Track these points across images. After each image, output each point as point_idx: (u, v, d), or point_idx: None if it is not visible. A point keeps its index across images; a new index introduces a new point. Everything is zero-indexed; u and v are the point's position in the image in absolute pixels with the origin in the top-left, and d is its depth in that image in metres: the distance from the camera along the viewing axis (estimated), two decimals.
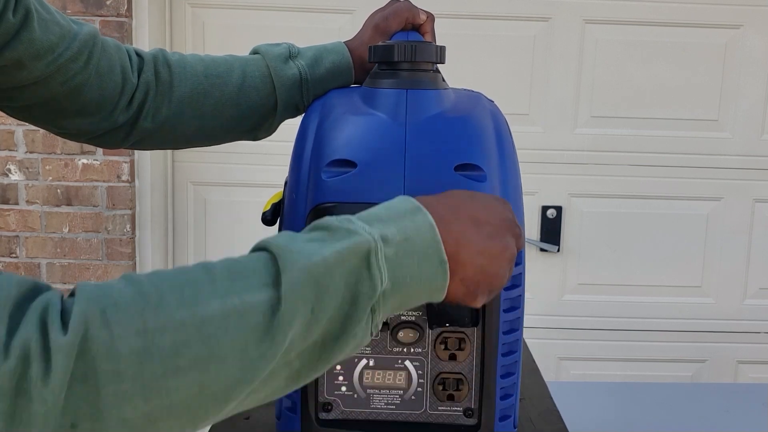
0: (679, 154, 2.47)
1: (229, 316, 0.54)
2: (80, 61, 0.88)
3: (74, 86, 0.89)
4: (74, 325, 0.50)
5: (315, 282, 0.58)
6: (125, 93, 0.95)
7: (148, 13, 2.32)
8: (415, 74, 0.84)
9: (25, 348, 0.48)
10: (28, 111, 0.91)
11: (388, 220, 0.63)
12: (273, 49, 1.01)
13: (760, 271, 2.55)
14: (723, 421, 1.55)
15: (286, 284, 0.56)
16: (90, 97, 0.91)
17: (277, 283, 0.57)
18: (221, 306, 0.54)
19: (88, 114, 0.93)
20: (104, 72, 0.92)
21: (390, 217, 0.64)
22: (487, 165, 0.80)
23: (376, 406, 0.83)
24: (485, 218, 0.68)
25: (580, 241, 2.52)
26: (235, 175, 2.48)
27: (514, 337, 0.85)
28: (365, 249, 0.60)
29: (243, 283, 0.56)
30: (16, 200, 2.36)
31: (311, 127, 0.85)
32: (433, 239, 0.63)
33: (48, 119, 0.93)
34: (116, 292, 0.53)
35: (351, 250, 0.60)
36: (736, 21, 2.42)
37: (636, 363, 2.56)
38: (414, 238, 0.63)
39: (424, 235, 0.63)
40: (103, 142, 1.00)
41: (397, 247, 0.62)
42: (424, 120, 0.81)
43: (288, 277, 0.57)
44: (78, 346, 0.50)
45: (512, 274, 0.82)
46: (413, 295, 0.63)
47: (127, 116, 0.96)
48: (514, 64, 2.44)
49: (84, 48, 0.88)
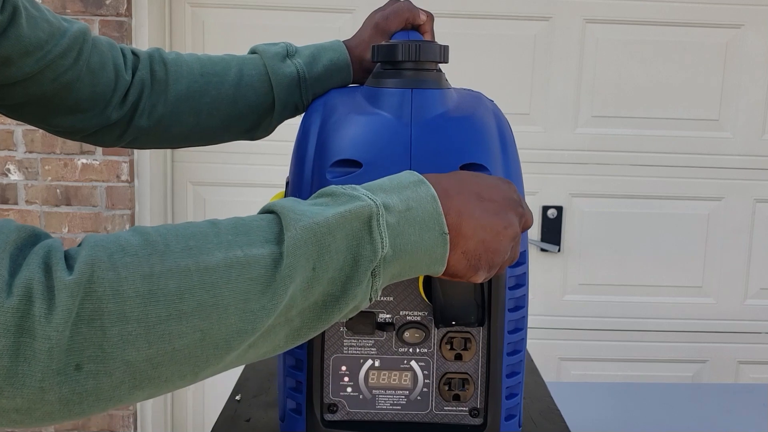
0: (679, 153, 2.47)
1: (231, 266, 0.56)
2: (70, 58, 0.88)
3: (65, 83, 0.89)
4: (81, 266, 0.51)
5: (317, 241, 0.59)
6: (118, 90, 0.95)
7: (147, 13, 2.32)
8: (420, 74, 0.84)
9: (28, 286, 0.49)
10: (20, 109, 0.91)
11: (392, 190, 0.65)
12: (270, 48, 1.01)
13: (761, 272, 2.55)
14: (723, 421, 1.56)
15: (289, 241, 0.58)
16: (82, 94, 0.91)
17: (279, 239, 0.59)
18: (225, 257, 0.56)
19: (80, 111, 0.93)
20: (96, 69, 0.92)
21: (393, 187, 0.66)
22: (492, 165, 0.80)
23: (382, 406, 0.83)
24: (489, 195, 0.69)
25: (581, 241, 2.52)
26: (235, 175, 2.48)
27: (519, 337, 0.85)
28: (367, 213, 0.62)
29: (247, 238, 0.59)
30: (16, 200, 2.36)
31: (313, 127, 0.85)
32: (435, 210, 0.65)
33: (40, 117, 0.93)
34: (123, 240, 0.55)
35: (353, 213, 0.61)
36: (737, 21, 2.42)
37: (636, 363, 2.56)
38: (416, 208, 0.64)
39: (426, 206, 0.65)
40: (98, 139, 0.99)
41: (399, 216, 0.63)
42: (429, 119, 0.80)
43: (290, 235, 0.59)
44: (84, 286, 0.51)
45: (515, 266, 0.82)
46: (414, 263, 0.65)
47: (121, 113, 0.96)
48: (515, 64, 2.44)
49: (74, 44, 0.88)
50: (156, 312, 0.53)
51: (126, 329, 0.52)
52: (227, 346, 0.56)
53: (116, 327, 0.51)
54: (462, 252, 0.67)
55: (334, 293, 0.61)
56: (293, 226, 0.59)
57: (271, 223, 0.60)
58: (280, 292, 0.58)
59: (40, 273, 0.50)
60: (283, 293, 0.58)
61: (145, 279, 0.53)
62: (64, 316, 0.49)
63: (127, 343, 0.52)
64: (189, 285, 0.54)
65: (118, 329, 0.51)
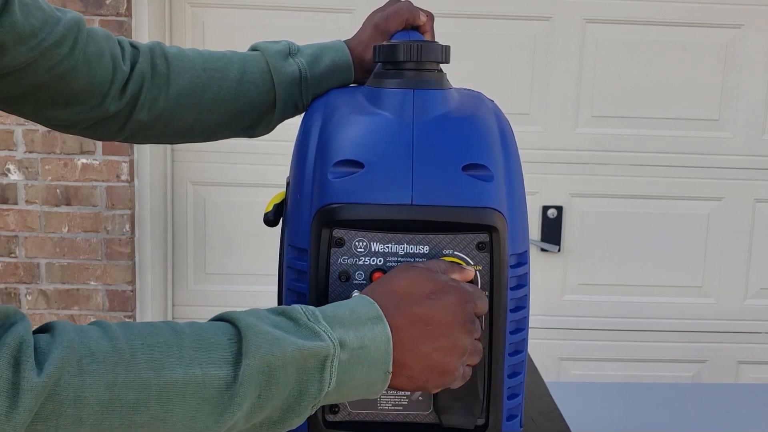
0: (679, 153, 2.47)
1: (188, 384, 0.59)
2: (65, 47, 0.87)
3: (61, 73, 0.88)
4: (50, 369, 0.53)
5: (270, 372, 0.63)
6: (116, 81, 0.94)
7: (147, 13, 2.32)
8: (421, 74, 0.84)
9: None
10: (17, 102, 0.90)
11: (350, 324, 0.68)
12: (272, 45, 1.01)
13: (761, 271, 2.55)
14: (723, 421, 1.55)
15: (245, 369, 0.61)
16: (78, 85, 0.90)
17: (237, 360, 0.62)
18: (184, 374, 0.59)
19: (77, 103, 0.92)
20: (92, 59, 0.91)
21: (353, 321, 0.68)
22: (494, 165, 0.80)
23: (384, 407, 0.83)
24: (438, 319, 0.71)
25: (581, 241, 2.52)
26: (235, 175, 2.48)
27: (521, 337, 0.85)
28: (324, 354, 0.65)
29: (207, 354, 0.61)
30: (16, 200, 2.36)
31: (314, 127, 0.85)
32: (385, 351, 0.68)
33: (38, 110, 0.92)
34: (94, 344, 0.57)
35: (310, 352, 0.64)
36: (737, 20, 2.42)
37: (636, 363, 2.56)
38: (369, 347, 0.68)
39: (378, 347, 0.68)
40: (97, 132, 0.98)
41: (351, 354, 0.67)
42: (430, 120, 0.80)
43: (248, 363, 0.62)
44: (50, 389, 0.53)
45: (516, 266, 0.82)
46: (351, 394, 0.69)
47: (120, 105, 0.95)
48: (515, 64, 2.44)
49: (69, 33, 0.87)
50: (110, 420, 0.56)
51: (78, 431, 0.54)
52: None
53: (69, 429, 0.54)
54: (407, 377, 0.70)
55: (273, 418, 0.65)
56: (253, 354, 0.62)
57: (231, 341, 0.63)
58: (227, 417, 0.61)
59: (8, 370, 0.52)
60: (229, 419, 0.61)
61: (107, 388, 0.56)
62: (24, 417, 0.51)
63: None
64: (146, 398, 0.57)
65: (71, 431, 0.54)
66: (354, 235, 0.78)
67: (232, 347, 0.62)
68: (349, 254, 0.79)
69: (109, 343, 0.57)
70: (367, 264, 0.79)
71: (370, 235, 0.78)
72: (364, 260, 0.79)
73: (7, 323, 0.55)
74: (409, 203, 0.78)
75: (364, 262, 0.79)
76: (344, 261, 0.79)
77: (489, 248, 0.79)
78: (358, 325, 0.68)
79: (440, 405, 0.81)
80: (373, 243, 0.78)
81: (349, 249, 0.78)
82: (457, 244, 0.78)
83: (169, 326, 0.63)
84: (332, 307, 0.70)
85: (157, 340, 0.60)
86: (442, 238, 0.78)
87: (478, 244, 0.79)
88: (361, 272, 0.79)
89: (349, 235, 0.78)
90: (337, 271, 0.79)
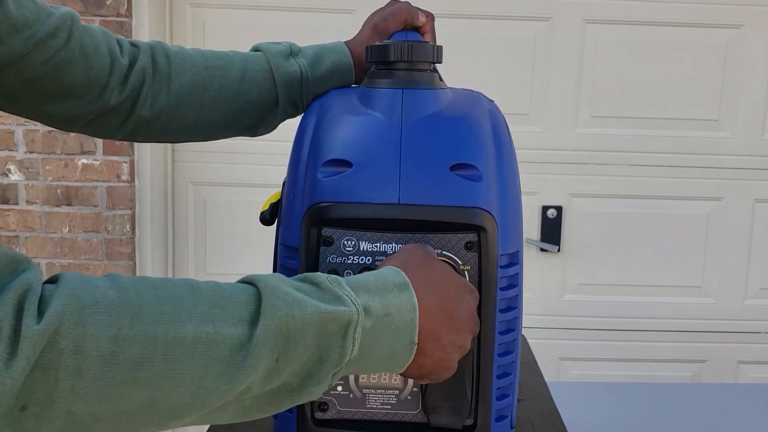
0: (679, 153, 2.47)
1: (197, 342, 0.56)
2: (60, 38, 0.87)
3: (57, 64, 0.88)
4: (50, 316, 0.51)
5: (288, 334, 0.60)
6: (114, 74, 0.94)
7: (147, 13, 2.32)
8: (412, 74, 0.84)
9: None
10: (16, 98, 0.90)
11: (376, 290, 0.66)
12: (274, 46, 1.02)
13: (761, 271, 2.54)
14: (723, 421, 1.55)
15: (261, 330, 0.58)
16: (75, 78, 0.91)
17: (253, 320, 0.59)
18: (194, 331, 0.56)
19: (75, 96, 0.92)
20: (89, 51, 0.91)
21: (378, 288, 0.66)
22: (484, 165, 0.80)
23: (372, 406, 0.83)
24: (456, 312, 0.71)
25: (581, 241, 2.52)
26: (235, 175, 2.48)
27: (511, 338, 0.85)
28: (347, 320, 0.62)
29: (222, 311, 0.58)
30: (16, 200, 2.36)
31: (309, 127, 0.85)
32: (412, 321, 0.66)
33: (36, 104, 0.92)
34: (100, 292, 0.54)
35: (333, 316, 0.62)
36: (737, 21, 2.42)
37: (636, 363, 2.56)
38: (394, 315, 0.65)
39: (405, 316, 0.66)
40: (97, 129, 0.99)
41: (376, 320, 0.64)
42: (419, 119, 0.81)
43: (265, 324, 0.59)
44: (48, 337, 0.51)
45: (507, 266, 0.82)
46: (375, 365, 0.67)
47: (121, 99, 0.95)
48: (514, 64, 2.44)
49: (62, 25, 0.88)
50: (112, 374, 0.53)
51: (78, 384, 0.52)
52: (172, 416, 0.57)
53: (69, 380, 0.52)
54: (417, 365, 0.69)
55: (292, 385, 0.62)
56: (271, 314, 0.59)
57: (250, 299, 0.60)
58: (239, 379, 0.58)
59: (11, 315, 0.50)
60: (242, 381, 0.58)
61: (110, 341, 0.53)
62: (22, 366, 0.50)
63: (76, 397, 0.52)
64: (151, 354, 0.54)
65: (71, 383, 0.52)
66: (342, 234, 0.79)
67: (250, 306, 0.60)
68: (338, 253, 0.79)
69: (117, 293, 0.55)
70: (356, 263, 0.79)
71: (359, 234, 0.79)
72: (352, 259, 0.79)
73: (19, 270, 0.53)
74: (396, 202, 0.78)
75: (353, 261, 0.79)
76: (333, 260, 0.79)
77: (477, 248, 0.79)
78: (383, 292, 0.66)
79: (428, 404, 0.81)
80: (361, 242, 0.79)
81: (337, 248, 0.79)
82: (445, 243, 0.79)
83: (186, 282, 0.60)
84: (357, 276, 0.68)
85: (169, 293, 0.57)
86: (431, 237, 0.78)
87: (466, 243, 0.79)
88: (350, 271, 0.79)
89: (338, 234, 0.79)
90: (326, 270, 0.79)
